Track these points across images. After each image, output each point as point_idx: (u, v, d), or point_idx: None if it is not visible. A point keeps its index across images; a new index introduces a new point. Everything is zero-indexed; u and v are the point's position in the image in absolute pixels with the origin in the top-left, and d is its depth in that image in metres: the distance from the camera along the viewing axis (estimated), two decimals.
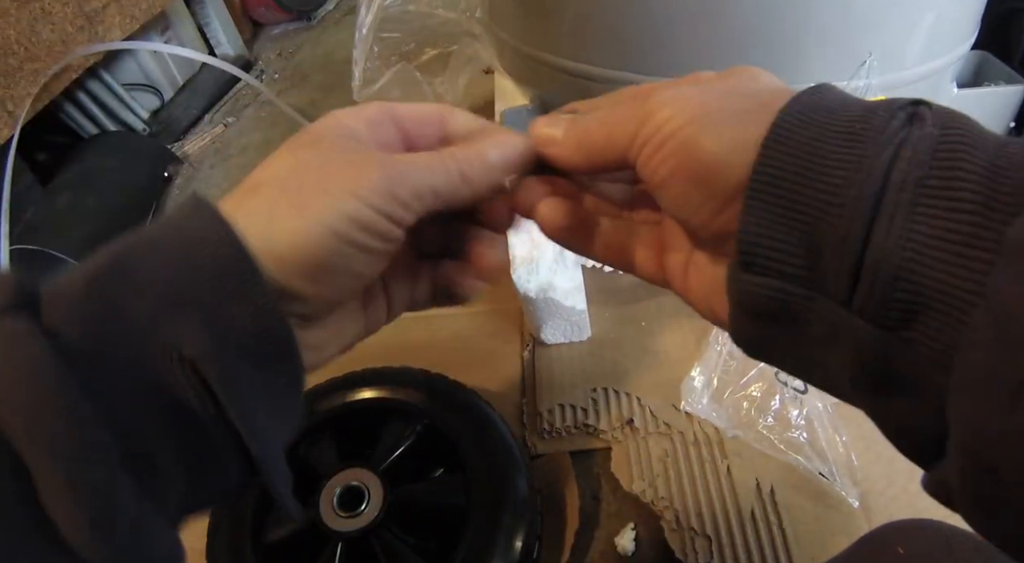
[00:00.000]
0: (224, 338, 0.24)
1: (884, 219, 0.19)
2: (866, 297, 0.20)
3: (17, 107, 1.09)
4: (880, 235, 0.19)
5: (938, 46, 0.55)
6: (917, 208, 0.19)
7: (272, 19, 1.88)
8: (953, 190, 0.19)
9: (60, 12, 1.17)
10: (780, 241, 0.22)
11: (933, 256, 0.19)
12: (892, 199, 0.19)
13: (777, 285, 0.22)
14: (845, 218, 0.20)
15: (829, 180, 0.21)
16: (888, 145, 0.20)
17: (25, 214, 1.09)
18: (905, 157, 0.20)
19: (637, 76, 0.55)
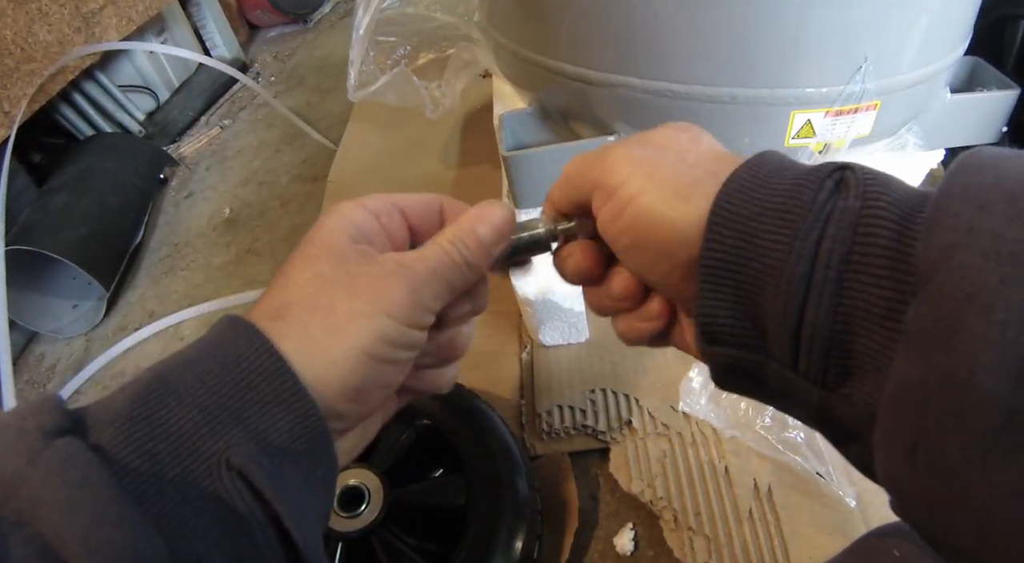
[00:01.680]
0: (268, 444, 0.25)
1: (814, 296, 0.22)
2: (806, 363, 0.23)
3: (13, 108, 1.08)
4: (811, 311, 0.22)
5: (932, 51, 0.56)
6: (843, 283, 0.21)
7: (268, 22, 1.88)
8: (872, 266, 0.21)
9: (57, 13, 1.17)
10: (731, 317, 0.25)
11: (859, 327, 0.21)
12: (820, 277, 0.22)
13: (734, 353, 0.25)
14: (781, 297, 0.23)
15: (766, 261, 0.23)
16: (816, 224, 0.22)
17: (21, 215, 1.08)
18: (829, 235, 0.22)
19: (635, 80, 0.56)
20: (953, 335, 0.18)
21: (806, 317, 0.22)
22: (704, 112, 0.55)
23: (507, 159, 0.63)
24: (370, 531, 0.54)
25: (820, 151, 0.58)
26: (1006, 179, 0.19)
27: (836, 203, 0.22)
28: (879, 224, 0.21)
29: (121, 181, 1.21)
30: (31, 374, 1.01)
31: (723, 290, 0.25)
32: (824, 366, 0.22)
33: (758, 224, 0.24)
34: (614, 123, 0.60)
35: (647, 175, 0.27)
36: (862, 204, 0.22)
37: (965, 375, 0.18)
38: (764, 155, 0.26)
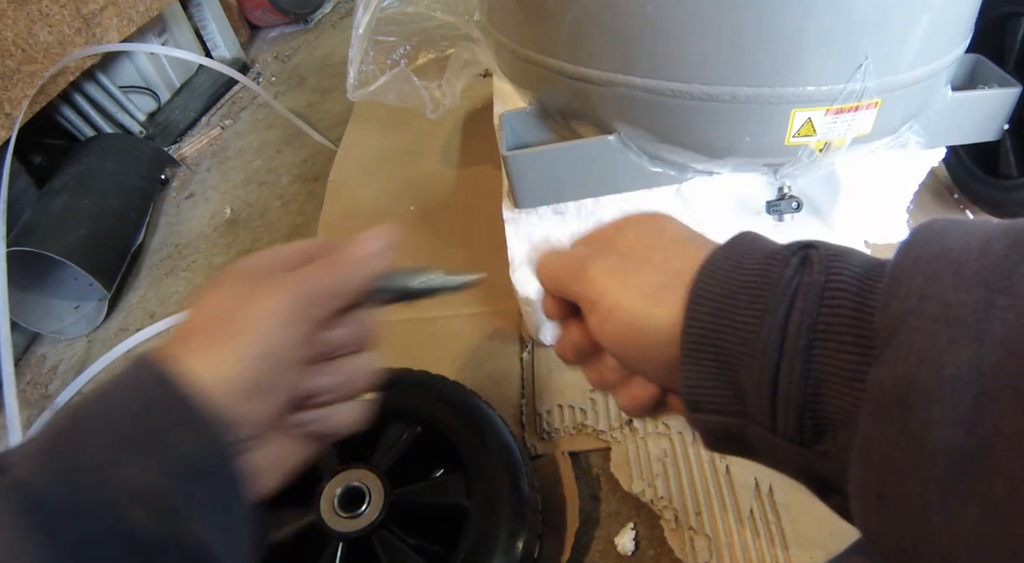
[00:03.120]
0: (174, 469, 0.26)
1: (786, 363, 0.24)
2: (784, 424, 0.25)
3: (14, 109, 1.09)
4: (785, 377, 0.24)
5: (934, 49, 0.56)
6: (812, 351, 0.24)
7: (269, 22, 1.88)
8: (837, 334, 0.23)
9: (58, 14, 1.17)
10: (712, 387, 0.27)
11: (828, 389, 0.23)
12: (791, 346, 0.24)
13: (717, 419, 0.27)
14: (757, 366, 0.25)
15: (742, 335, 0.26)
16: (783, 298, 0.25)
17: (22, 216, 1.09)
18: (798, 308, 0.24)
19: (635, 79, 0.56)
20: (909, 393, 0.20)
21: (780, 383, 0.24)
22: (704, 111, 0.55)
23: (507, 158, 0.63)
24: (370, 531, 0.54)
25: (821, 149, 0.58)
26: (950, 249, 0.22)
27: (802, 278, 0.25)
28: (841, 296, 0.24)
29: (122, 182, 1.21)
30: (33, 375, 1.01)
31: (704, 363, 0.27)
32: (799, 426, 0.25)
33: (733, 302, 0.26)
34: (614, 122, 0.60)
35: (620, 286, 0.31)
36: (826, 278, 0.24)
37: (920, 429, 0.20)
38: (737, 238, 0.29)
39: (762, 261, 0.27)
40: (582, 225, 0.69)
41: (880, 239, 0.77)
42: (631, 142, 0.61)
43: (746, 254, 0.28)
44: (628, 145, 0.61)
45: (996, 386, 0.19)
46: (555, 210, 0.69)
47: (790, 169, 0.61)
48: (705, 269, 0.28)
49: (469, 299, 0.83)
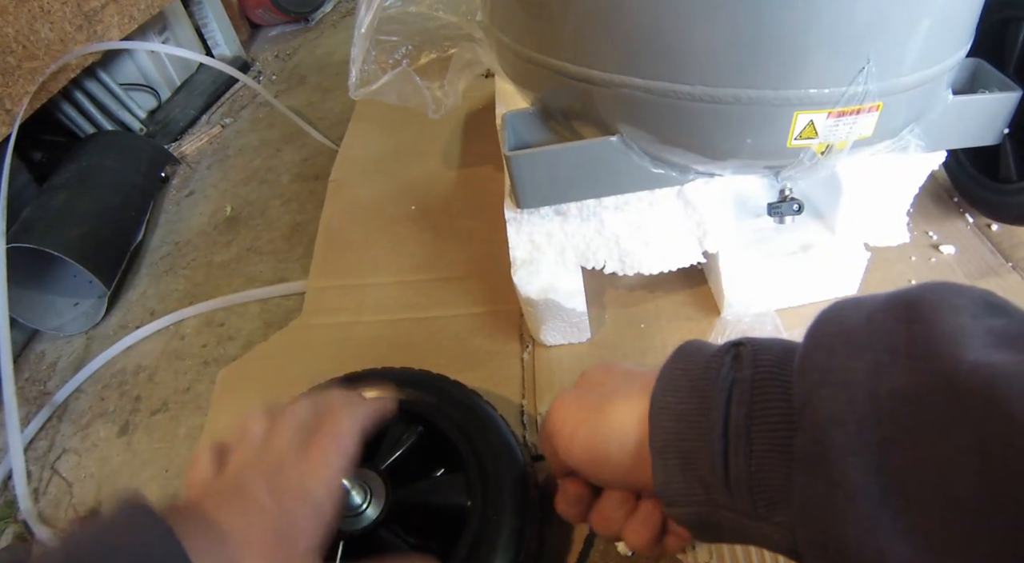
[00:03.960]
0: None
1: (732, 449, 0.28)
2: (740, 503, 0.29)
3: (15, 106, 1.09)
4: (732, 460, 0.28)
5: (936, 53, 0.56)
6: (752, 432, 0.28)
7: (270, 21, 1.88)
8: (768, 416, 0.28)
9: (59, 11, 1.17)
10: (681, 482, 0.31)
11: (767, 465, 0.27)
12: (733, 432, 0.28)
13: (691, 511, 0.32)
14: (709, 457, 0.29)
15: (695, 432, 0.30)
16: (723, 393, 0.29)
17: (22, 213, 1.08)
18: (735, 400, 0.29)
19: (638, 80, 0.56)
20: (825, 450, 0.24)
21: (730, 466, 0.29)
22: (706, 112, 0.55)
23: (509, 159, 0.63)
24: (371, 530, 0.54)
25: (822, 152, 0.58)
26: (844, 326, 0.26)
27: (735, 375, 0.30)
28: (767, 384, 0.28)
29: (122, 179, 1.21)
30: (32, 372, 1.01)
31: (669, 462, 0.31)
32: (752, 502, 0.28)
33: (686, 406, 0.31)
34: (617, 123, 0.60)
35: (577, 410, 0.37)
36: (752, 372, 0.29)
37: (840, 477, 0.23)
38: (682, 348, 0.34)
39: (703, 365, 0.32)
40: (583, 226, 0.69)
41: (880, 242, 0.77)
42: (633, 143, 0.61)
43: (691, 362, 0.33)
44: (630, 146, 0.61)
45: (892, 431, 0.23)
46: (557, 210, 0.69)
47: (792, 171, 0.61)
48: (660, 382, 0.33)
49: (469, 299, 0.83)
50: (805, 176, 0.62)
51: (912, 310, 0.25)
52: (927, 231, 0.81)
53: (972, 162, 0.79)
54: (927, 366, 0.23)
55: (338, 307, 0.87)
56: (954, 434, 0.21)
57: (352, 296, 0.88)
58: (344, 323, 0.84)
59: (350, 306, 0.86)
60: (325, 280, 0.92)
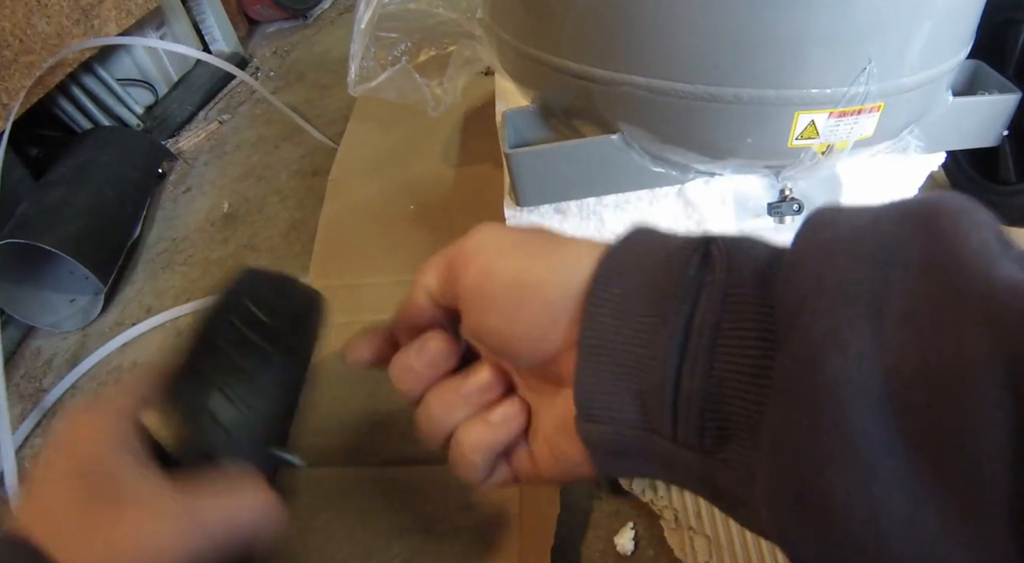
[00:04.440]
0: None
1: (688, 365, 0.23)
2: (685, 430, 0.23)
3: (11, 100, 1.08)
4: (687, 378, 0.23)
5: (937, 54, 0.56)
6: (716, 349, 0.23)
7: (268, 17, 1.88)
8: (741, 331, 0.22)
9: (56, 5, 1.16)
10: (611, 394, 0.25)
11: (731, 389, 0.22)
12: (694, 344, 0.23)
13: (614, 430, 0.25)
14: (657, 367, 0.23)
15: (642, 337, 0.24)
16: (686, 298, 0.23)
17: (17, 208, 1.08)
18: (701, 308, 0.23)
19: (638, 78, 0.56)
20: (816, 375, 0.19)
21: (682, 384, 0.23)
22: (707, 111, 0.55)
23: (509, 157, 0.63)
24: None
25: (823, 152, 0.58)
26: (842, 232, 0.21)
27: (704, 277, 0.24)
28: (744, 293, 0.23)
29: (119, 175, 1.20)
30: (27, 368, 1.01)
31: (602, 369, 0.25)
32: (701, 431, 0.23)
33: (634, 303, 0.25)
34: (617, 122, 0.60)
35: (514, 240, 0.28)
36: (727, 276, 0.23)
37: (833, 411, 0.19)
38: (633, 233, 0.27)
39: (663, 259, 0.25)
40: (584, 224, 0.69)
41: None
42: (633, 142, 0.61)
43: (646, 251, 0.26)
44: (630, 145, 0.61)
45: (902, 359, 0.18)
46: (557, 209, 0.69)
47: (792, 171, 0.61)
48: (605, 264, 0.26)
49: None
50: (805, 176, 0.62)
51: (930, 222, 0.21)
52: None
53: (971, 164, 0.79)
54: (949, 283, 0.19)
55: (337, 307, 0.87)
56: (984, 363, 0.17)
57: (351, 296, 0.88)
58: (342, 323, 0.84)
59: (349, 306, 0.86)
60: (324, 279, 0.92)
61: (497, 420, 0.30)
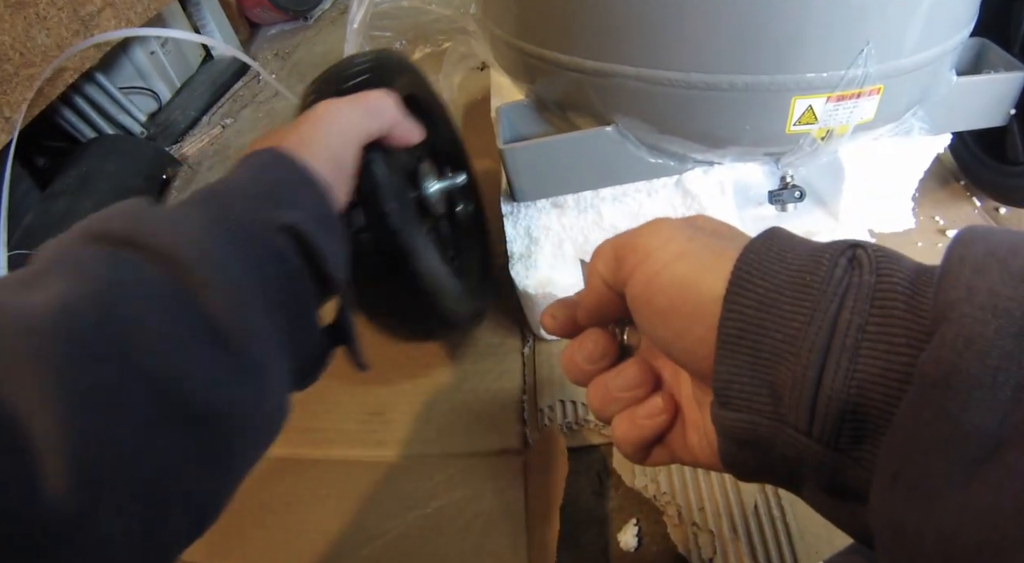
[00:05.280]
0: (302, 213, 0.35)
1: (832, 363, 0.23)
2: (821, 428, 0.24)
3: (14, 112, 1.08)
4: (829, 377, 0.23)
5: (937, 33, 0.54)
6: (860, 350, 0.23)
7: (268, 19, 1.88)
8: (889, 335, 0.23)
9: (55, 17, 1.17)
10: (747, 383, 0.26)
11: (874, 392, 0.23)
12: (839, 344, 0.23)
13: (747, 418, 0.26)
14: (800, 365, 0.24)
15: (785, 332, 0.25)
16: (834, 297, 0.24)
17: (24, 219, 1.09)
18: (848, 307, 0.23)
19: (629, 68, 0.55)
20: (951, 375, 0.20)
21: (824, 382, 0.23)
22: (702, 100, 0.54)
23: (504, 151, 0.62)
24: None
25: (823, 137, 0.57)
26: (996, 248, 0.22)
27: (852, 279, 0.24)
28: (893, 297, 0.23)
29: (123, 183, 1.21)
30: None
31: (740, 356, 0.26)
32: (838, 430, 0.23)
33: (777, 296, 0.25)
34: (612, 113, 0.59)
35: (688, 240, 0.29)
36: (876, 279, 0.24)
37: (958, 410, 0.20)
38: (773, 230, 0.28)
39: (808, 258, 0.25)
40: (581, 217, 0.68)
41: (885, 228, 0.76)
42: (629, 133, 0.60)
43: (788, 247, 0.26)
44: (626, 136, 0.60)
45: None
46: (554, 203, 0.68)
47: (792, 158, 0.60)
48: (746, 257, 0.26)
49: None
50: (806, 162, 0.61)
51: None
52: (934, 216, 0.80)
53: (978, 144, 0.77)
54: None
55: None
56: None
57: None
58: None
59: None
60: None
61: (643, 417, 0.33)
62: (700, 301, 0.27)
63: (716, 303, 0.26)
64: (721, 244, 0.29)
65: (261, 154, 0.38)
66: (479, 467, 0.66)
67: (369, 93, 0.47)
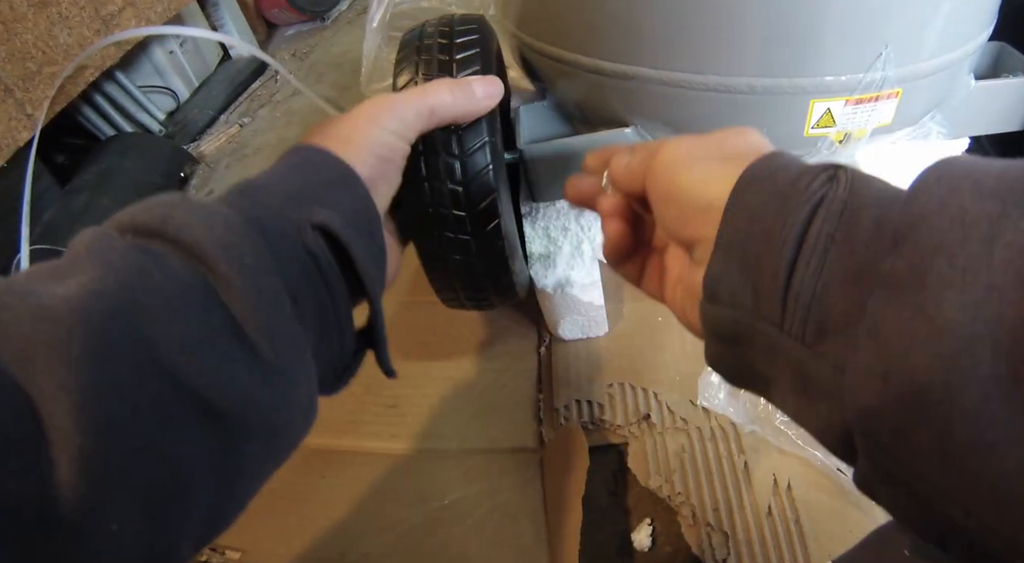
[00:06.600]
0: (338, 213, 0.34)
1: (803, 262, 0.26)
2: (791, 320, 0.27)
3: (36, 110, 1.10)
4: (799, 274, 0.26)
5: (955, 37, 0.54)
6: (828, 254, 0.26)
7: (286, 20, 1.89)
8: (852, 239, 0.25)
9: (77, 16, 1.18)
10: (733, 281, 0.29)
11: (836, 288, 0.25)
12: (810, 246, 0.26)
13: (730, 313, 0.30)
14: (774, 260, 0.27)
15: (765, 236, 0.28)
16: (806, 205, 0.27)
17: (44, 215, 1.10)
18: (820, 216, 0.27)
19: (649, 71, 0.55)
20: (924, 276, 0.22)
21: (794, 278, 0.27)
22: (721, 103, 0.55)
23: (523, 152, 0.62)
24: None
25: (840, 140, 0.57)
26: (972, 171, 0.24)
27: (827, 192, 0.27)
28: (861, 212, 0.26)
29: (142, 180, 1.22)
30: None
31: (730, 260, 0.29)
32: (804, 323, 0.26)
33: (763, 208, 0.29)
34: (629, 115, 0.60)
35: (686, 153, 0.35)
36: (848, 195, 0.26)
37: (933, 308, 0.22)
38: (773, 154, 0.31)
39: (795, 175, 0.29)
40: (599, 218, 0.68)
41: None
42: (647, 134, 0.61)
43: (781, 168, 0.30)
44: (644, 137, 0.61)
45: (1002, 280, 0.21)
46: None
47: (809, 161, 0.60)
48: (743, 179, 0.30)
49: None
50: None
51: None
52: None
53: (996, 149, 0.77)
54: None
55: None
56: None
57: None
58: None
59: None
60: None
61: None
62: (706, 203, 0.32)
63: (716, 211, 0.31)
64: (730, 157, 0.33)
65: (303, 150, 0.37)
66: (495, 463, 0.67)
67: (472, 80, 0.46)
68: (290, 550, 0.64)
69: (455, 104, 0.44)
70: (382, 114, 0.41)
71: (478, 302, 0.58)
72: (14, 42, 1.06)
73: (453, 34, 0.53)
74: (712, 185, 0.32)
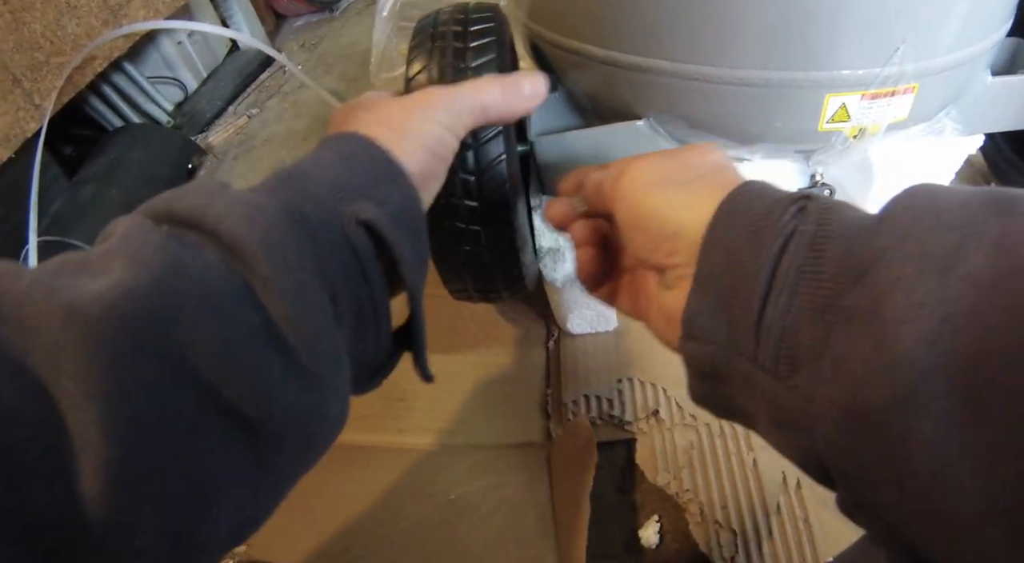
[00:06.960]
0: (385, 209, 0.33)
1: (774, 296, 0.27)
2: (764, 355, 0.27)
3: (44, 100, 1.10)
4: (771, 308, 0.27)
5: (973, 33, 0.54)
6: (798, 288, 0.26)
7: (295, 11, 1.89)
8: (819, 273, 0.26)
9: (85, 6, 1.18)
10: (708, 317, 0.30)
11: (804, 323, 0.26)
12: (780, 281, 0.27)
13: (707, 349, 0.30)
14: (747, 296, 0.28)
15: (741, 272, 0.28)
16: (778, 240, 0.28)
17: (52, 206, 1.10)
18: (790, 250, 0.27)
19: (663, 63, 0.54)
20: (883, 311, 0.23)
21: (766, 312, 0.27)
22: (735, 95, 0.54)
23: (534, 144, 0.62)
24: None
25: (855, 135, 0.56)
26: (936, 202, 0.25)
27: (797, 226, 0.28)
28: (828, 245, 0.26)
29: (150, 171, 1.22)
30: None
31: (705, 297, 0.30)
32: (776, 358, 0.27)
33: (738, 242, 0.29)
34: (643, 107, 0.59)
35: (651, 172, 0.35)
36: (816, 229, 0.27)
37: (891, 341, 0.22)
38: (746, 185, 0.32)
39: (768, 208, 0.29)
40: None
41: None
42: (660, 127, 0.60)
43: (754, 200, 0.30)
44: (657, 130, 0.60)
45: (956, 311, 0.21)
46: None
47: (823, 156, 0.59)
48: (720, 212, 0.31)
49: None
50: (837, 160, 0.60)
51: (1007, 204, 0.24)
52: None
53: (1011, 146, 0.76)
54: (1013, 261, 0.22)
55: None
56: None
57: None
58: None
59: None
60: None
61: None
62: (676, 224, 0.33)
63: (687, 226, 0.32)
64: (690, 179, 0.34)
65: (349, 140, 0.35)
66: (502, 458, 0.67)
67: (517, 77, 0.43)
68: (296, 543, 0.64)
69: (504, 102, 0.42)
70: (437, 107, 0.39)
71: (487, 294, 0.58)
72: (22, 32, 1.06)
73: (468, 22, 0.52)
74: (679, 211, 0.33)
